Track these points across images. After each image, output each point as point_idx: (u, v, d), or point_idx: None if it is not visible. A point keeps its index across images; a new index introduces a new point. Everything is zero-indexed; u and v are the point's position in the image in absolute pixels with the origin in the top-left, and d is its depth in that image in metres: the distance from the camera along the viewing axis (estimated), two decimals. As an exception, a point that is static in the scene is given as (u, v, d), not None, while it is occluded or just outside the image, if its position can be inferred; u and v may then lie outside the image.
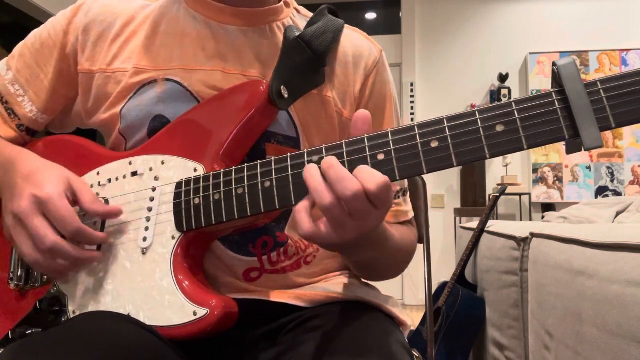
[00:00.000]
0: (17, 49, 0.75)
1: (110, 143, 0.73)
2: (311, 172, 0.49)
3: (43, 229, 0.57)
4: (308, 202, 0.50)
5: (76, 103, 0.75)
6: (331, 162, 0.49)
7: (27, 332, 0.64)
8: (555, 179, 3.85)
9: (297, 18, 0.76)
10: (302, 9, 0.79)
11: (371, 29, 4.26)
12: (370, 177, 0.47)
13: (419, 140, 0.49)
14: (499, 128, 0.47)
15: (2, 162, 0.66)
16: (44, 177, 0.61)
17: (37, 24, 0.75)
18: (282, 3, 0.75)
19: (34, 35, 0.74)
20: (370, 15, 4.47)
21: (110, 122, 0.70)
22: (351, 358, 0.53)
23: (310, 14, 0.77)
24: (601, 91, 0.44)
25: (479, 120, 0.47)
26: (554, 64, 0.47)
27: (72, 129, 0.80)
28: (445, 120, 0.49)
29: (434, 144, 0.48)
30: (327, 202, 0.47)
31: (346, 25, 0.76)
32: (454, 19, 4.12)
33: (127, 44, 0.70)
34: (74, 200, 0.61)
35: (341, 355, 0.54)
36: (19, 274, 0.67)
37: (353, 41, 0.75)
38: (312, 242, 0.51)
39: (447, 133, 0.48)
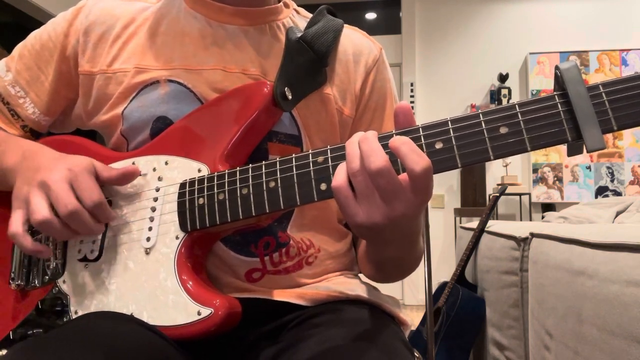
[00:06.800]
0: (17, 50, 0.75)
1: (111, 144, 0.73)
2: (352, 139, 0.49)
3: (69, 193, 0.57)
4: None
5: (76, 105, 0.75)
6: (367, 135, 0.48)
7: (29, 333, 0.64)
8: (555, 179, 3.85)
9: (297, 18, 0.77)
10: (301, 9, 0.80)
11: (371, 29, 4.26)
12: (418, 159, 0.45)
13: (423, 142, 0.49)
14: (503, 130, 0.47)
15: (22, 150, 0.66)
16: (75, 158, 0.62)
17: (37, 23, 0.75)
18: (281, 3, 0.76)
19: (34, 36, 0.75)
20: (370, 15, 4.47)
21: (111, 123, 0.70)
22: (352, 353, 0.54)
23: (310, 15, 0.78)
24: (603, 94, 0.45)
25: (482, 122, 0.48)
26: (556, 68, 0.47)
27: (71, 130, 0.80)
28: (449, 122, 0.49)
29: (438, 145, 0.49)
30: (353, 168, 0.47)
31: (345, 25, 0.77)
32: (454, 19, 4.12)
33: (127, 45, 0.70)
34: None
35: (342, 350, 0.54)
36: (20, 274, 0.67)
37: (353, 40, 0.76)
38: (339, 203, 0.49)
39: (452, 134, 0.48)
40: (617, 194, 3.77)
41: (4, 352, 0.63)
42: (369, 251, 0.70)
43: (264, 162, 0.56)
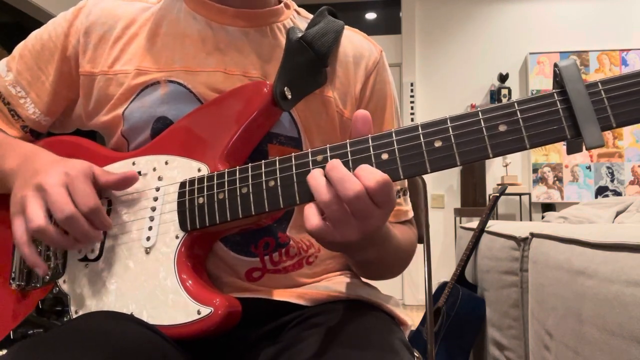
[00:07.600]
0: (17, 50, 0.75)
1: (111, 145, 0.73)
2: (313, 173, 0.50)
3: (65, 197, 0.57)
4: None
5: (77, 105, 0.75)
6: (334, 164, 0.49)
7: (29, 333, 0.64)
8: (555, 179, 3.85)
9: (298, 19, 0.77)
10: (302, 10, 0.80)
11: (371, 29, 4.27)
12: (370, 175, 0.48)
13: (422, 140, 0.49)
14: (502, 128, 0.47)
15: (23, 152, 0.66)
16: (74, 162, 0.62)
17: (38, 24, 0.75)
18: (282, 4, 0.76)
19: (34, 36, 0.74)
20: (370, 15, 4.47)
21: (112, 123, 0.70)
22: (352, 352, 0.54)
23: (310, 16, 0.78)
24: (602, 92, 0.45)
25: (481, 120, 0.48)
26: (555, 65, 0.47)
27: (71, 130, 0.80)
28: (448, 120, 0.49)
29: (438, 144, 0.49)
30: (325, 199, 0.48)
31: (346, 27, 0.77)
32: (454, 19, 4.12)
33: (128, 46, 0.70)
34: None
35: (342, 349, 0.55)
36: (21, 274, 0.67)
37: (354, 42, 0.76)
38: (317, 240, 0.52)
39: (451, 133, 0.49)
40: (617, 194, 3.77)
41: (4, 352, 0.63)
42: (346, 258, 0.71)
43: (263, 161, 0.56)
